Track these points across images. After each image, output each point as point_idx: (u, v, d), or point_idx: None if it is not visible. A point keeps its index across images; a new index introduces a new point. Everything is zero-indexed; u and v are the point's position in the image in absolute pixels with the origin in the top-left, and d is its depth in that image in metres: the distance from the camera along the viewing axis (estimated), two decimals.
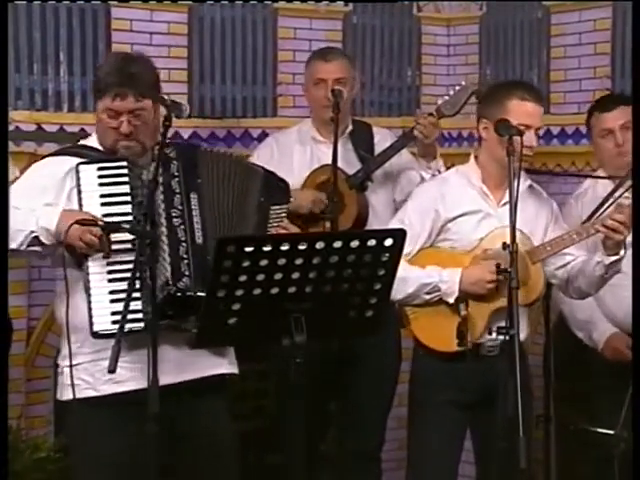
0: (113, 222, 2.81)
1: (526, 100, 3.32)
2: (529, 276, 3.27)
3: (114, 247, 2.81)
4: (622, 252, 3.21)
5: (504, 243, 3.07)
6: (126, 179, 2.89)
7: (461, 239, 3.36)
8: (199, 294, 2.74)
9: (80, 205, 2.89)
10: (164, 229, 2.84)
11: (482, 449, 3.46)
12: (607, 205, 3.66)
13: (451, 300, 3.30)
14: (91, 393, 2.95)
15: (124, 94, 2.96)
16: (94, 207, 2.87)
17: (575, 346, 3.93)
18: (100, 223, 2.80)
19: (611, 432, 3.38)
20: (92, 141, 3.13)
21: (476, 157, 3.44)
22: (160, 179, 2.85)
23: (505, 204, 3.33)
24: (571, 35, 4.87)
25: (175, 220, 2.86)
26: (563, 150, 4.85)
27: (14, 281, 4.04)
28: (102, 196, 2.89)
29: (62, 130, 4.49)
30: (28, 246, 2.88)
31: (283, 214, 3.06)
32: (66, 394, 2.99)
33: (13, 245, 2.89)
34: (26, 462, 4.05)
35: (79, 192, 2.90)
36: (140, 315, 2.78)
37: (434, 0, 5.31)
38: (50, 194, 2.96)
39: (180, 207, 2.88)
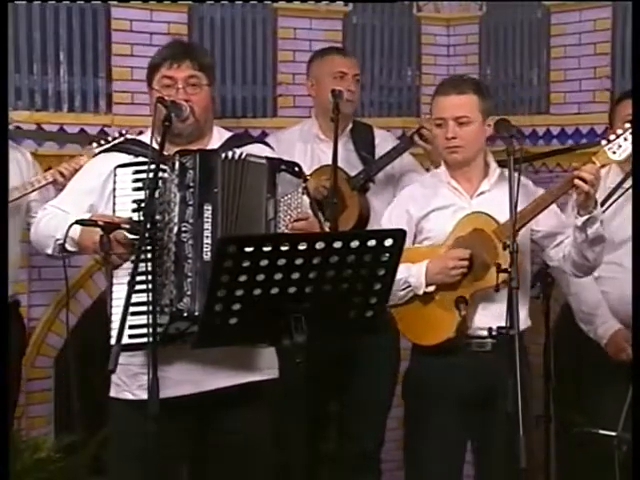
0: (113, 222, 2.78)
1: (443, 94, 3.39)
2: (498, 256, 3.25)
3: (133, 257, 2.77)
4: (595, 211, 3.17)
5: (504, 243, 3.07)
6: (154, 185, 2.77)
7: (437, 235, 3.38)
8: (196, 314, 2.71)
9: (114, 210, 2.87)
10: (172, 245, 2.78)
11: (481, 449, 3.45)
12: (617, 195, 3.66)
13: (420, 292, 3.33)
14: (128, 396, 2.96)
15: (180, 61, 2.99)
16: (126, 212, 2.84)
17: (577, 346, 3.93)
18: (100, 223, 2.79)
19: (613, 434, 3.38)
20: (146, 136, 3.08)
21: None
22: (176, 191, 2.81)
23: (479, 195, 3.39)
24: (571, 35, 4.88)
25: (184, 235, 2.78)
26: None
27: (14, 281, 4.03)
28: (134, 201, 2.85)
29: (62, 130, 4.50)
30: (60, 252, 2.91)
31: (297, 201, 2.92)
32: (111, 391, 3.01)
33: (48, 251, 2.96)
34: (26, 462, 4.05)
35: (114, 196, 2.89)
36: (148, 330, 2.73)
37: (434, 0, 5.31)
38: (94, 195, 2.99)
39: (191, 221, 2.79)
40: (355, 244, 2.50)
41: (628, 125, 3.19)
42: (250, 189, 2.86)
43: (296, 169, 2.94)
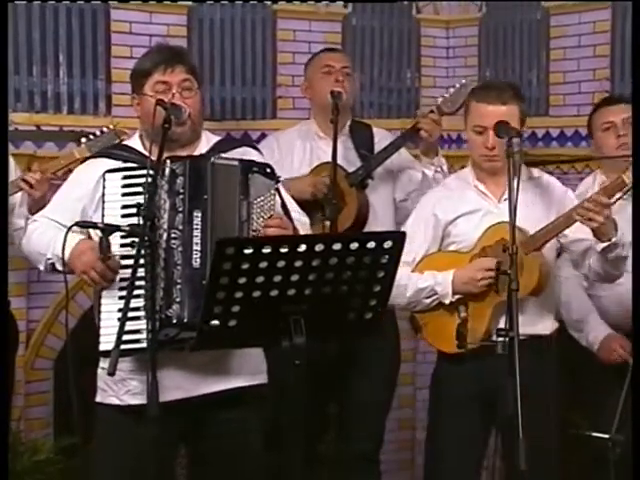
0: (113, 225, 2.78)
1: (482, 102, 3.36)
2: (522, 268, 3.25)
3: (125, 262, 2.78)
4: (614, 238, 3.16)
5: (504, 245, 3.08)
6: (153, 188, 2.77)
7: (465, 240, 3.38)
8: (185, 321, 2.72)
9: (103, 215, 2.86)
10: (161, 251, 2.77)
11: (506, 448, 3.46)
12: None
13: (447, 301, 3.34)
14: (114, 401, 2.96)
15: (174, 66, 2.98)
16: (116, 217, 2.83)
17: (577, 347, 3.93)
18: (100, 225, 2.79)
19: (606, 436, 3.38)
20: (134, 140, 3.09)
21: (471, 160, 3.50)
22: (165, 197, 2.81)
23: (506, 200, 3.35)
24: (570, 37, 4.88)
25: (173, 242, 2.78)
26: (562, 152, 4.85)
27: (13, 283, 4.03)
28: (124, 207, 2.85)
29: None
30: (50, 271, 2.92)
31: (270, 203, 2.90)
32: (97, 396, 3.01)
33: (40, 267, 2.97)
34: (25, 464, 4.05)
35: (103, 201, 2.88)
36: (142, 335, 2.73)
37: (434, 0, 5.30)
38: (84, 201, 2.98)
39: (181, 227, 2.79)
40: (354, 246, 2.50)
41: None
42: (224, 191, 2.85)
43: (268, 170, 2.94)
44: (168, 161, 2.84)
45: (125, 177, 2.88)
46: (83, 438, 4.00)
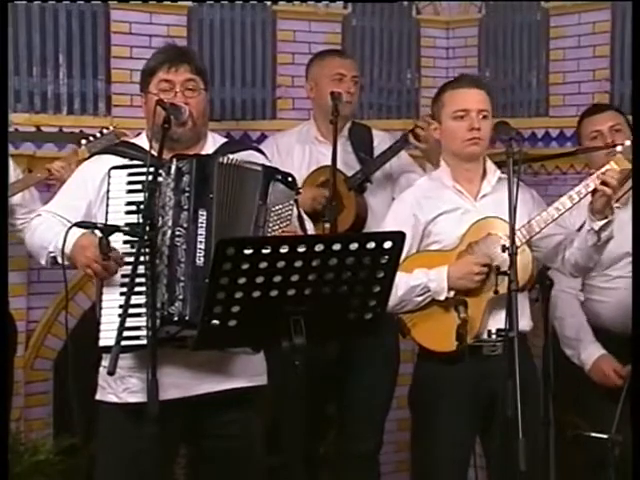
0: (112, 225, 2.78)
1: (457, 88, 3.40)
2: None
3: (128, 259, 2.77)
4: (611, 216, 3.19)
5: (503, 245, 3.08)
6: (154, 187, 2.77)
7: (446, 238, 3.37)
8: (187, 319, 2.72)
9: (107, 212, 2.86)
10: (165, 249, 2.78)
11: (491, 452, 3.45)
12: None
13: (442, 297, 3.31)
14: (113, 399, 2.97)
15: (178, 66, 3.00)
16: (120, 214, 2.84)
17: None
18: (99, 225, 2.79)
19: (605, 436, 3.38)
20: (141, 139, 3.10)
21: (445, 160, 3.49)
22: (171, 195, 2.81)
23: (483, 197, 3.40)
24: (570, 37, 4.88)
25: (177, 240, 2.78)
26: (562, 152, 4.85)
27: (13, 283, 4.03)
28: (128, 204, 2.85)
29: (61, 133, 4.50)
30: (52, 265, 2.91)
31: (287, 212, 2.92)
32: (98, 394, 3.02)
33: (42, 262, 2.96)
34: (25, 465, 4.05)
35: (108, 198, 2.88)
36: (142, 332, 2.72)
37: (434, 0, 5.30)
38: (89, 198, 2.99)
39: (185, 225, 2.79)
40: (354, 246, 2.50)
41: None
42: (243, 195, 2.86)
43: (289, 180, 2.95)
44: (174, 159, 2.84)
45: (130, 174, 2.89)
46: (83, 438, 4.02)
